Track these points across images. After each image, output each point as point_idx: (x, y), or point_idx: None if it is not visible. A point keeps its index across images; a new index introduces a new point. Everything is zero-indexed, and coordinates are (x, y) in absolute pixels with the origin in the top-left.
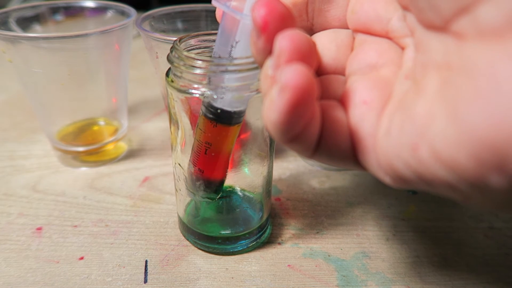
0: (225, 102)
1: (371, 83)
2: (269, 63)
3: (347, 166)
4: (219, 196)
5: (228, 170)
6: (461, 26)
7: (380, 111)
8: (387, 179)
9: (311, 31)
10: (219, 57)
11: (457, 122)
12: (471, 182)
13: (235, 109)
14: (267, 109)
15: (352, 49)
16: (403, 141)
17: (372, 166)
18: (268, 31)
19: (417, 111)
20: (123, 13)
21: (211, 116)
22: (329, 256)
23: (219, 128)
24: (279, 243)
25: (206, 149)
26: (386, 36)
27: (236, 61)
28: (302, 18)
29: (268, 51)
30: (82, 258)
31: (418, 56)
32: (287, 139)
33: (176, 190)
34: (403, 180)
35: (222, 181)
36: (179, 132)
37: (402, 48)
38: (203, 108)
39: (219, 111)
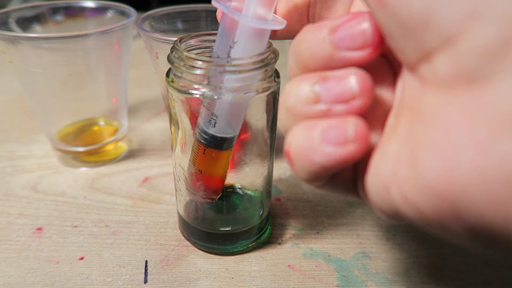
0: (218, 128)
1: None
2: (330, 90)
3: (352, 198)
4: (219, 196)
5: (228, 170)
6: (423, 71)
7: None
8: (378, 214)
9: None
10: (218, 57)
11: (417, 170)
12: (436, 226)
13: (227, 135)
14: (309, 146)
15: None
16: (379, 179)
17: (366, 200)
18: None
19: (389, 152)
20: (123, 13)
21: (203, 141)
22: (329, 256)
23: (210, 151)
24: (279, 243)
25: (204, 150)
26: (385, 55)
27: (235, 62)
28: (303, 22)
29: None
30: (82, 258)
31: (401, 92)
32: (314, 179)
33: (176, 190)
34: (388, 216)
35: (222, 182)
36: (179, 132)
37: (396, 73)
38: (197, 133)
39: (210, 136)
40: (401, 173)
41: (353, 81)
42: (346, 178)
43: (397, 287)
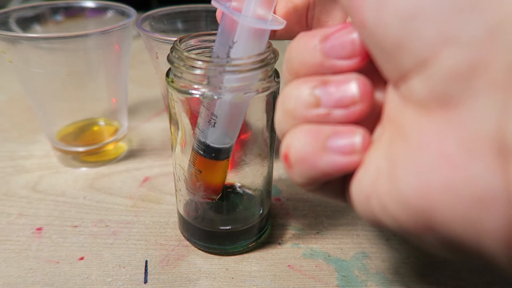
0: (215, 137)
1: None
2: (332, 95)
3: (341, 202)
4: (219, 196)
5: (228, 170)
6: (403, 90)
7: None
8: (364, 220)
9: None
10: (217, 57)
11: (395, 183)
12: (412, 236)
13: (223, 146)
14: (313, 152)
15: None
16: (361, 189)
17: (352, 206)
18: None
19: (372, 162)
20: (123, 13)
21: (200, 152)
22: (329, 256)
23: (206, 161)
24: (279, 243)
25: (202, 160)
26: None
27: (235, 62)
28: (302, 24)
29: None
30: (82, 258)
31: (387, 104)
32: (310, 184)
33: (176, 190)
34: (370, 223)
35: (222, 182)
36: (179, 132)
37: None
38: (194, 144)
39: (207, 147)
40: (381, 184)
41: (353, 86)
42: (336, 183)
43: (397, 287)
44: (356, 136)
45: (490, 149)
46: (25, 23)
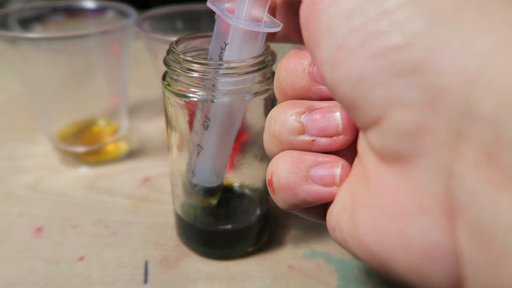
0: (201, 178)
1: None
2: (317, 122)
3: (323, 223)
4: (217, 200)
5: (227, 172)
6: (366, 138)
7: None
8: None
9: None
10: (211, 59)
11: (354, 223)
12: (372, 269)
13: (212, 185)
14: (294, 181)
15: None
16: (330, 219)
17: None
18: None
19: (340, 197)
20: (123, 14)
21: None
22: (329, 256)
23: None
24: (280, 244)
25: (198, 151)
26: None
27: (232, 64)
28: (300, 31)
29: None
30: (82, 259)
31: (358, 143)
32: (292, 209)
33: (174, 195)
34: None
35: (220, 187)
36: (176, 135)
37: None
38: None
39: (196, 187)
40: (343, 220)
41: (337, 116)
42: (318, 207)
43: (397, 287)
44: (337, 168)
45: (438, 207)
46: (26, 23)
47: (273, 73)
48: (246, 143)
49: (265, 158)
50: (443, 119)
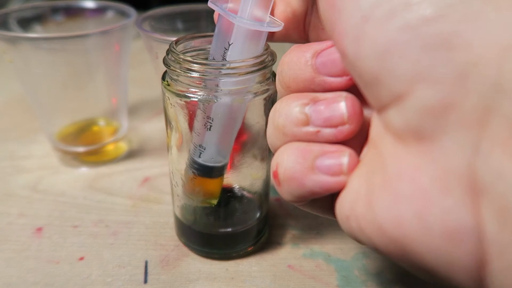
0: (207, 157)
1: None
2: (322, 113)
3: (330, 217)
4: (217, 200)
5: (227, 172)
6: (383, 119)
7: None
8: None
9: (306, 42)
10: (213, 59)
11: (371, 209)
12: (388, 256)
13: (216, 164)
14: (301, 172)
15: None
16: (343, 209)
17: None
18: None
19: (353, 184)
20: (123, 13)
21: (193, 170)
22: (329, 256)
23: (199, 179)
24: (279, 244)
25: (194, 177)
26: None
27: (232, 64)
28: (299, 29)
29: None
30: (82, 259)
31: (371, 127)
32: (298, 201)
33: (173, 195)
34: (354, 240)
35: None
36: (176, 135)
37: None
38: (187, 162)
39: (200, 166)
40: (359, 208)
41: (342, 106)
42: (325, 200)
43: (397, 287)
44: (344, 157)
45: (461, 186)
46: (26, 23)
47: (273, 73)
48: (245, 143)
49: (265, 158)
50: (472, 95)
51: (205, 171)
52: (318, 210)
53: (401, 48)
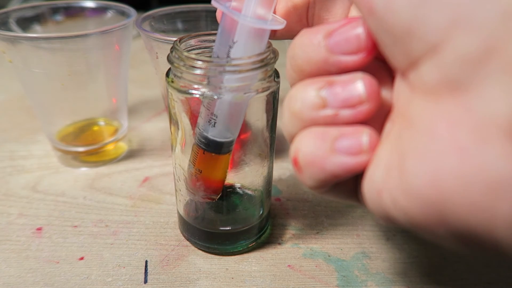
0: (217, 131)
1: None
2: (339, 94)
3: (353, 202)
4: (219, 196)
5: (228, 170)
6: (412, 78)
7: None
8: (377, 217)
9: None
10: (218, 57)
11: (404, 176)
12: (424, 230)
13: (226, 140)
14: (321, 155)
15: None
16: (373, 185)
17: (364, 204)
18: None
19: (382, 158)
20: (123, 13)
21: (201, 146)
22: (329, 256)
23: (208, 155)
24: (279, 244)
25: (203, 152)
26: (382, 59)
27: (235, 62)
28: (302, 23)
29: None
30: (82, 259)
31: (395, 97)
32: (321, 186)
33: (176, 190)
34: (383, 220)
35: (222, 182)
36: (179, 132)
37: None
38: (195, 137)
39: (209, 141)
40: (391, 179)
41: (360, 85)
42: (348, 184)
43: (397, 287)
44: (363, 136)
45: (501, 135)
46: (25, 23)
47: (274, 71)
48: (247, 140)
49: (266, 155)
50: None
51: (214, 147)
52: (342, 195)
53: None
